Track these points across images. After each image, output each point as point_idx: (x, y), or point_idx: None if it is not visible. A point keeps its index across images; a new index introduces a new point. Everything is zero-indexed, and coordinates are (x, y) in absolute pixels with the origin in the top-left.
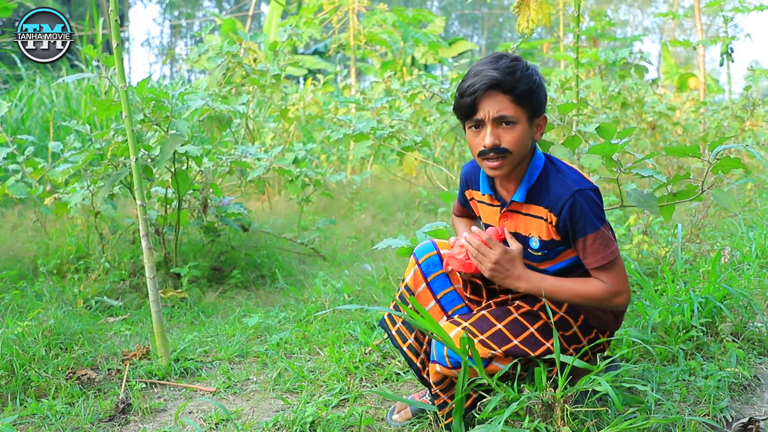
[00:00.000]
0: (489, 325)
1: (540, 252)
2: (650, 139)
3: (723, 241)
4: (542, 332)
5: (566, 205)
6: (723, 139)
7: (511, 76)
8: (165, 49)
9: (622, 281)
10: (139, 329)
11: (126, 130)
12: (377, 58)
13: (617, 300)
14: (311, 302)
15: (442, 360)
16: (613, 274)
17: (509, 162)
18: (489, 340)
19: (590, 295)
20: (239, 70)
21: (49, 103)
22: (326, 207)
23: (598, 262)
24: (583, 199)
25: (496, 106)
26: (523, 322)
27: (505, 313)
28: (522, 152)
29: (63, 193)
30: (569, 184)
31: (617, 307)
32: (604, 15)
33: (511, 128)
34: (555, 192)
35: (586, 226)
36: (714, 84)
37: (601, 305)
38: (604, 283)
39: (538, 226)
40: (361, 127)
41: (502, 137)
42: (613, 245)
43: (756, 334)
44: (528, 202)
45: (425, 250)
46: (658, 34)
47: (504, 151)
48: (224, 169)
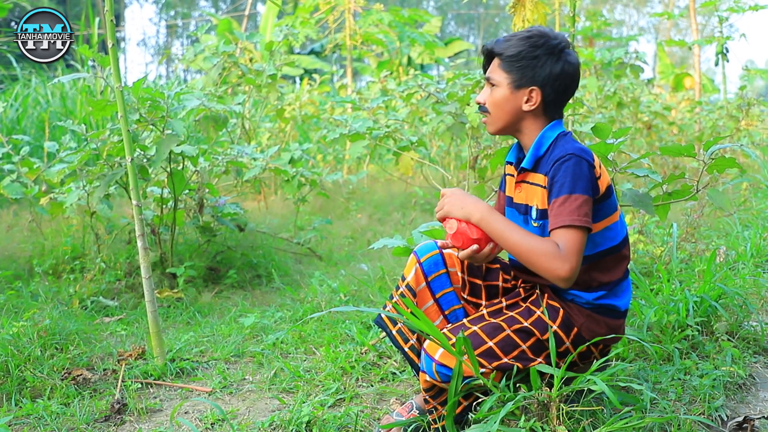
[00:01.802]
0: (480, 342)
1: (538, 223)
2: (646, 138)
3: (718, 240)
4: (533, 350)
5: (557, 163)
6: (718, 138)
7: (507, 42)
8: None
9: (574, 252)
10: (135, 329)
11: (122, 130)
12: (373, 58)
13: (559, 265)
14: (307, 302)
15: (431, 373)
16: (570, 241)
17: (490, 121)
18: (480, 358)
19: (536, 247)
20: (235, 70)
21: (45, 103)
22: (322, 207)
23: (559, 223)
24: (574, 163)
25: (490, 67)
26: (515, 339)
27: (497, 329)
28: (499, 115)
29: (58, 193)
30: (569, 149)
31: (554, 275)
32: (599, 15)
33: (493, 90)
34: (554, 156)
35: (563, 187)
36: (709, 84)
37: (539, 264)
38: (557, 245)
39: (539, 195)
40: (357, 126)
41: (486, 97)
42: (582, 216)
43: (751, 333)
44: (534, 170)
45: (427, 249)
46: (653, 34)
47: (484, 109)
48: (220, 169)
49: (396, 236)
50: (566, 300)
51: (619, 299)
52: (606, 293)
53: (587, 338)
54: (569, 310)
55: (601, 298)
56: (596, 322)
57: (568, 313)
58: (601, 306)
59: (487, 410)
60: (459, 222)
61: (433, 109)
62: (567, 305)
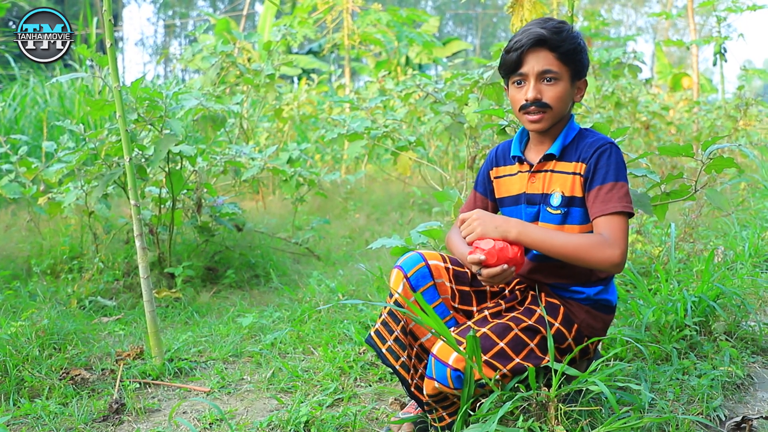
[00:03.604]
0: (492, 343)
1: (559, 210)
2: (644, 138)
3: (716, 240)
4: (541, 347)
5: (599, 150)
6: (716, 138)
7: (557, 34)
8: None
9: (621, 237)
10: (133, 329)
11: (120, 129)
12: (371, 58)
13: (610, 252)
14: (305, 302)
15: (444, 380)
16: (616, 227)
17: (549, 117)
18: (494, 360)
19: (584, 243)
20: (233, 70)
21: (43, 103)
22: (320, 207)
23: (607, 210)
24: (616, 152)
25: (541, 61)
26: (523, 338)
27: (506, 330)
28: (562, 110)
29: (56, 193)
30: (604, 138)
31: (607, 262)
32: (597, 15)
33: (554, 84)
34: (589, 144)
35: (608, 174)
36: (707, 83)
37: (590, 257)
38: (601, 234)
39: (564, 182)
40: (356, 126)
41: (544, 92)
42: (628, 203)
43: (749, 333)
44: (560, 158)
45: (413, 263)
46: (651, 34)
47: (545, 105)
48: (218, 169)
49: (394, 236)
50: (565, 297)
51: (611, 294)
52: (603, 288)
53: (586, 334)
54: (569, 307)
55: (600, 293)
56: (594, 318)
57: (569, 310)
58: (599, 301)
59: (485, 410)
60: (495, 240)
61: (431, 108)
62: (567, 302)
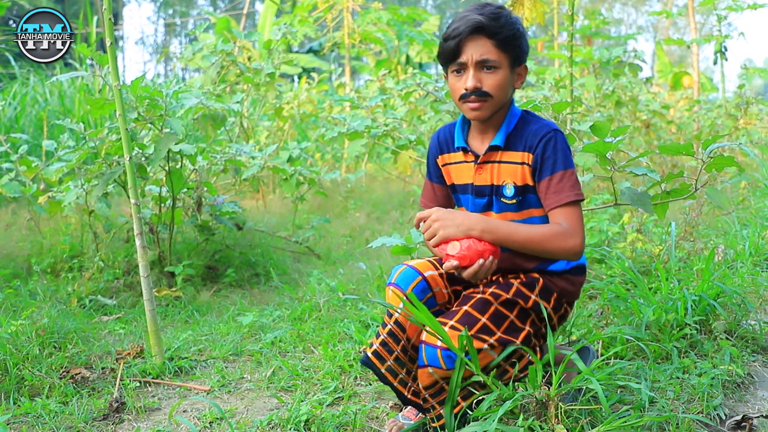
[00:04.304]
0: (474, 320)
1: (514, 199)
2: (644, 137)
3: (717, 239)
4: (520, 318)
5: (544, 140)
6: (716, 137)
7: (495, 21)
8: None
9: (579, 225)
10: (134, 328)
11: (120, 128)
12: (372, 57)
13: (572, 241)
14: (306, 301)
15: (436, 362)
16: (573, 216)
17: (489, 105)
18: (480, 334)
19: (546, 234)
20: (234, 69)
21: (43, 102)
22: (321, 205)
23: (561, 200)
24: (560, 138)
25: (479, 49)
26: (503, 311)
27: (486, 304)
28: (502, 98)
29: (57, 191)
30: (548, 124)
31: (570, 252)
32: (598, 13)
33: (493, 72)
34: (533, 132)
35: (556, 163)
36: (708, 82)
37: (553, 248)
38: (560, 225)
39: (513, 172)
40: (356, 125)
41: (484, 81)
42: (579, 188)
43: (749, 332)
44: (506, 148)
45: (409, 279)
46: (652, 33)
47: (485, 94)
48: (219, 168)
49: (394, 235)
50: (545, 271)
51: (583, 258)
52: None
53: (564, 301)
54: (547, 278)
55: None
56: (571, 283)
57: (547, 282)
58: (573, 268)
59: (485, 409)
60: (460, 241)
61: (431, 107)
62: (545, 275)
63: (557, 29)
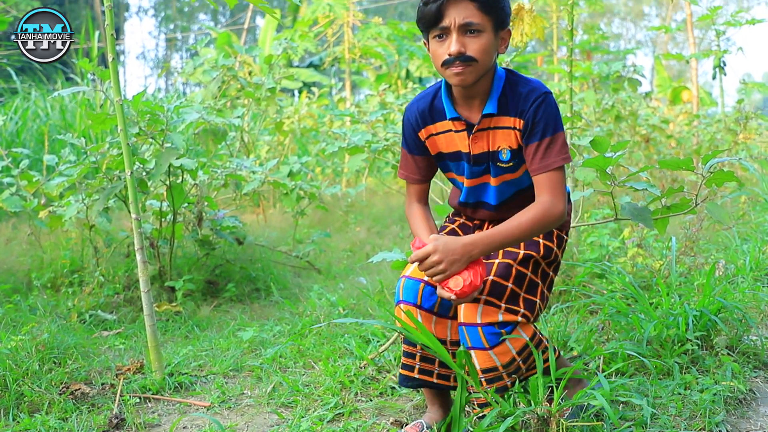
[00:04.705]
0: (502, 288)
1: (511, 162)
2: (644, 151)
3: (717, 254)
4: (534, 271)
5: (534, 105)
6: (716, 152)
7: None
8: (160, 62)
9: (561, 189)
10: (134, 343)
11: (121, 143)
12: (372, 71)
13: (558, 210)
14: (306, 316)
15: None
16: (556, 181)
17: (474, 70)
18: (509, 305)
19: (534, 219)
20: (234, 83)
21: (44, 116)
22: (321, 220)
23: (547, 167)
24: (550, 100)
25: (462, 13)
26: (522, 270)
27: (507, 268)
28: (487, 62)
29: (58, 206)
30: (537, 87)
31: (560, 219)
32: (597, 28)
33: (477, 36)
34: (523, 96)
35: (547, 127)
36: (707, 97)
37: (545, 226)
38: (541, 198)
39: (507, 137)
40: (356, 140)
41: (468, 45)
42: (565, 151)
43: (751, 348)
44: (499, 113)
45: (413, 291)
46: (651, 47)
47: (469, 59)
48: (219, 182)
49: (395, 249)
50: None
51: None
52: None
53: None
54: None
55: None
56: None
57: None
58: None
59: (486, 425)
60: (461, 275)
61: None
62: None
63: (557, 44)
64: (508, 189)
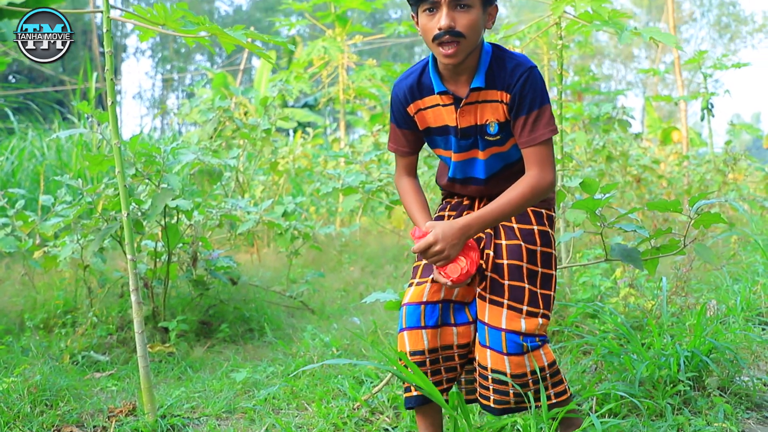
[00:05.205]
0: (521, 291)
1: (498, 135)
2: (636, 191)
3: (709, 294)
4: (539, 263)
5: (521, 78)
6: (702, 195)
7: None
8: (156, 101)
9: (549, 160)
10: (126, 385)
11: (119, 185)
12: (366, 111)
13: (547, 181)
14: (299, 356)
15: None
16: (544, 153)
17: (463, 47)
18: (530, 307)
19: (524, 192)
20: (230, 124)
21: (40, 156)
22: (315, 259)
23: (535, 139)
24: (536, 73)
25: None
26: (531, 268)
27: (518, 269)
28: (475, 39)
29: (52, 246)
30: (522, 61)
31: (549, 189)
32: (588, 70)
33: (466, 12)
34: (510, 70)
35: (534, 101)
36: (697, 137)
37: (536, 197)
38: (531, 171)
39: (495, 110)
40: (350, 181)
41: (457, 20)
42: (552, 123)
43: (743, 389)
44: (487, 87)
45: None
46: (641, 88)
47: (458, 34)
48: (214, 222)
49: (388, 290)
50: None
51: None
52: None
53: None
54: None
55: None
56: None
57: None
58: None
59: None
60: (458, 262)
61: (424, 162)
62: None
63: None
64: (497, 163)
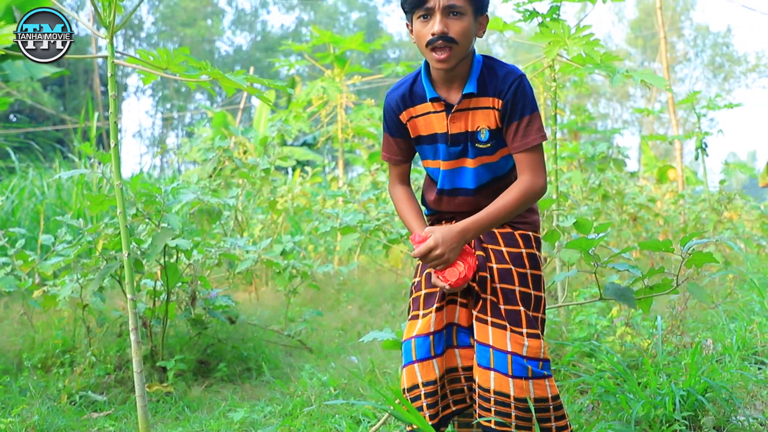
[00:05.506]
0: (518, 315)
1: (489, 143)
2: (632, 230)
3: (704, 332)
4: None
5: (513, 86)
6: (693, 234)
7: None
8: (156, 140)
9: (541, 165)
10: (123, 425)
11: (120, 225)
12: (365, 150)
13: (538, 185)
14: (297, 396)
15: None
16: (536, 158)
17: (455, 54)
18: (531, 329)
19: (517, 197)
20: (229, 164)
21: (41, 195)
22: (313, 298)
23: (527, 144)
24: (525, 82)
25: None
26: (524, 290)
27: (512, 293)
28: (466, 46)
29: (52, 285)
30: (513, 70)
31: (540, 194)
32: (584, 109)
33: (459, 19)
34: (501, 77)
35: (525, 107)
36: (693, 176)
37: (528, 201)
38: (523, 176)
39: (486, 117)
40: (348, 220)
41: (450, 27)
42: (542, 130)
43: (739, 428)
44: (479, 94)
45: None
46: (637, 127)
47: (451, 40)
48: (213, 261)
49: (386, 329)
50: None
51: None
52: None
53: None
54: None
55: None
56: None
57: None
58: None
59: None
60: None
61: None
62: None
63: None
64: (486, 173)
